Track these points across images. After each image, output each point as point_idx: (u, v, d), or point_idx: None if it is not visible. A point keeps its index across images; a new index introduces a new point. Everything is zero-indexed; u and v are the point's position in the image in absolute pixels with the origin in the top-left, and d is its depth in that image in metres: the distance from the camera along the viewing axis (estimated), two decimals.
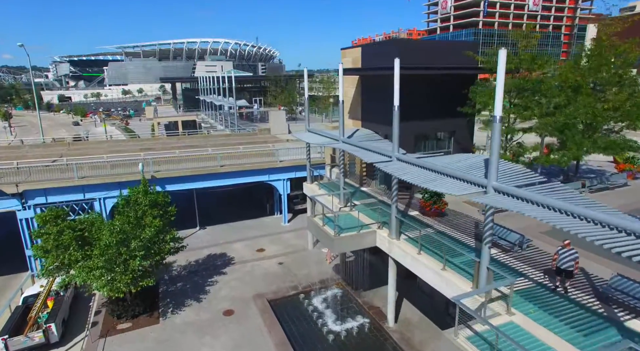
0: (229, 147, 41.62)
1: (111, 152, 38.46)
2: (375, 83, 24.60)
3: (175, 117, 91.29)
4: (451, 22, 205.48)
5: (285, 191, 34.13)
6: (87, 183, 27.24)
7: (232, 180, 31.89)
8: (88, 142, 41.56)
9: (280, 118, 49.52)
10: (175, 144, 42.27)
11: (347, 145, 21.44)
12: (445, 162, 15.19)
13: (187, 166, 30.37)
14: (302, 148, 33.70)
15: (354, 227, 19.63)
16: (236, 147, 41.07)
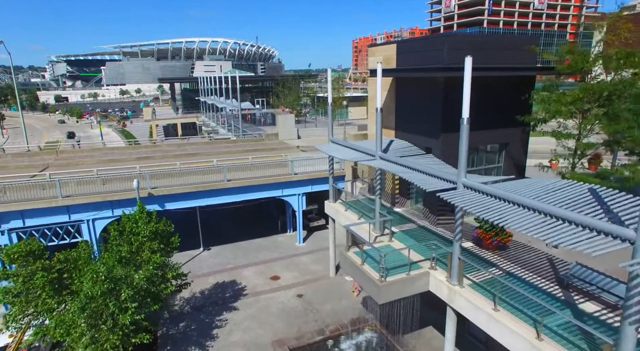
0: (235, 155, 37.71)
1: (104, 162, 34.54)
2: (415, 86, 20.67)
3: (174, 119, 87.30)
4: (455, 21, 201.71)
5: (301, 207, 30.20)
6: (73, 203, 23.25)
7: (241, 196, 27.94)
8: (79, 150, 37.58)
9: (288, 123, 45.63)
10: (176, 152, 38.27)
11: (389, 163, 17.49)
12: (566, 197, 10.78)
13: (189, 180, 26.40)
14: (319, 159, 29.82)
15: (401, 266, 15.69)
16: (243, 156, 37.16)
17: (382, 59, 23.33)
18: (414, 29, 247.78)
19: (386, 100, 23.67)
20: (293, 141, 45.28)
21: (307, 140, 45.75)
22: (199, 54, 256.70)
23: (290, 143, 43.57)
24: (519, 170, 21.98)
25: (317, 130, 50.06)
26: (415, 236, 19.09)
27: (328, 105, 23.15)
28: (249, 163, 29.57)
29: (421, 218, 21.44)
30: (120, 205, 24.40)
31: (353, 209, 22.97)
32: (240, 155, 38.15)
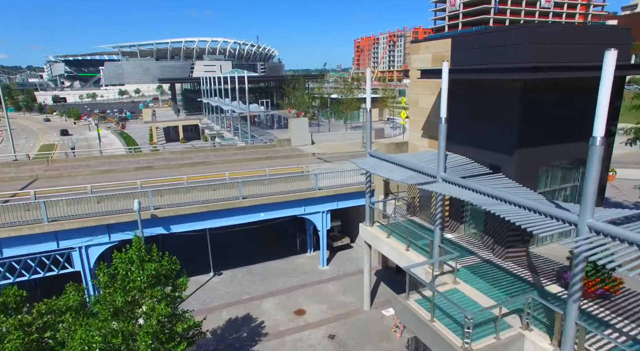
0: (245, 165, 34.05)
1: (100, 173, 30.82)
2: (477, 90, 16.95)
3: (175, 121, 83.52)
4: (460, 19, 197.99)
5: (325, 226, 26.49)
6: (62, 229, 19.52)
7: (258, 215, 24.25)
8: (73, 158, 33.83)
9: (302, 127, 41.93)
10: (180, 161, 34.53)
11: (461, 190, 13.73)
12: None
13: (197, 197, 22.63)
14: (344, 171, 26.18)
15: (484, 324, 12.02)
16: (255, 165, 33.49)
17: (429, 57, 19.68)
18: (417, 28, 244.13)
19: (434, 105, 19.97)
20: (307, 147, 41.58)
21: (322, 147, 42.08)
22: (198, 54, 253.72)
23: (304, 150, 39.86)
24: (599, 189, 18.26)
25: (331, 134, 46.42)
26: (485, 275, 15.41)
27: (367, 112, 19.44)
28: (266, 178, 25.79)
29: (481, 248, 17.77)
30: (119, 229, 20.73)
31: (397, 236, 19.26)
32: (252, 164, 34.48)
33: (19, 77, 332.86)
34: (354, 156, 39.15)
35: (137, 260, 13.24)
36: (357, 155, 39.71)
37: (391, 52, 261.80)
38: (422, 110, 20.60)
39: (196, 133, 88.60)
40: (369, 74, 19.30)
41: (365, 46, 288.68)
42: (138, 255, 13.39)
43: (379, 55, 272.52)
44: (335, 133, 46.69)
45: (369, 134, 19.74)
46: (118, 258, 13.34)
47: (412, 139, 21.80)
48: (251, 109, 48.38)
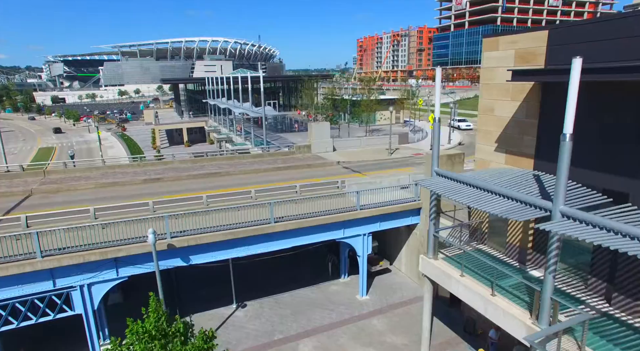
0: (264, 175, 30.41)
1: (103, 187, 27.17)
2: (587, 94, 13.24)
3: (179, 123, 79.89)
4: (466, 18, 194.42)
5: (366, 251, 22.84)
6: (59, 265, 15.85)
7: (291, 241, 20.59)
8: (72, 169, 30.14)
9: (323, 132, 38.29)
10: (192, 171, 30.87)
11: (612, 237, 10.02)
12: None
13: (220, 220, 18.89)
14: (390, 188, 22.54)
15: None
16: (275, 175, 29.87)
17: (512, 54, 16.00)
18: (422, 28, 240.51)
19: (515, 114, 16.29)
20: (329, 155, 37.93)
21: (345, 154, 38.44)
22: (198, 54, 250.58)
23: (327, 158, 36.21)
24: None
25: (353, 140, 42.78)
26: (616, 340, 11.73)
27: (435, 120, 15.77)
28: (300, 198, 22.09)
29: (589, 294, 14.09)
30: (129, 262, 17.08)
31: (473, 274, 15.57)
32: (272, 175, 30.84)
33: (18, 77, 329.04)
34: (381, 164, 35.62)
35: (157, 334, 9.54)
36: (384, 163, 36.11)
37: (395, 52, 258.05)
38: (497, 119, 16.94)
39: (201, 135, 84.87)
40: (438, 73, 15.59)
41: (368, 46, 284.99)
42: (158, 329, 9.68)
43: (383, 55, 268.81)
44: (357, 139, 43.02)
45: (437, 148, 16.05)
46: (134, 332, 9.64)
47: (482, 153, 18.13)
48: (268, 113, 44.77)
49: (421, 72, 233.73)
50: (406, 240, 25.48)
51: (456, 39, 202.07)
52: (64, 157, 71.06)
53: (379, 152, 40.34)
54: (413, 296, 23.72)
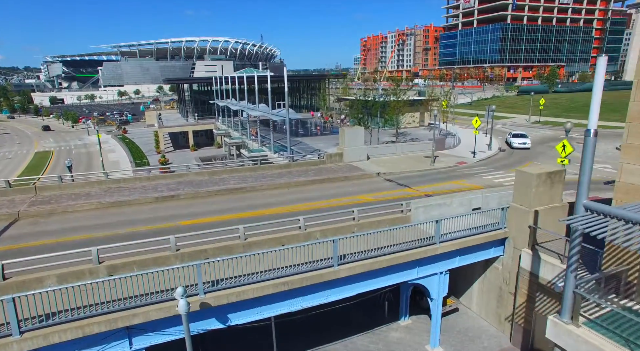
0: (298, 191, 25.63)
1: (107, 207, 22.31)
2: None
3: (184, 125, 75.02)
4: (475, 16, 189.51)
5: (442, 293, 18.02)
6: (45, 344, 10.96)
7: (356, 287, 15.78)
8: (70, 184, 25.23)
9: (356, 139, 33.47)
10: (212, 186, 26.00)
11: None
12: None
13: (265, 263, 13.99)
14: (472, 214, 17.73)
15: None
16: (311, 191, 25.09)
17: None
18: (429, 26, 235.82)
19: None
20: (364, 164, 33.11)
21: (382, 163, 33.64)
22: (199, 54, 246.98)
23: (364, 168, 31.39)
24: None
25: (387, 147, 37.90)
26: None
27: (590, 131, 10.91)
28: (364, 231, 17.23)
29: None
30: (147, 328, 12.20)
31: None
32: (307, 191, 26.05)
33: (16, 77, 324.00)
34: (427, 176, 30.62)
35: None
36: (430, 174, 31.24)
37: (400, 51, 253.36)
38: None
39: (207, 138, 80.00)
40: (602, 64, 10.73)
41: (372, 45, 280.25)
42: None
43: (387, 55, 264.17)
44: (391, 145, 38.17)
45: (588, 171, 11.17)
46: None
47: (632, 176, 13.25)
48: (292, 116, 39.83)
49: (427, 72, 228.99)
50: (480, 273, 20.67)
51: (464, 38, 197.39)
52: (62, 162, 66.19)
53: (419, 161, 35.52)
54: (497, 347, 18.89)
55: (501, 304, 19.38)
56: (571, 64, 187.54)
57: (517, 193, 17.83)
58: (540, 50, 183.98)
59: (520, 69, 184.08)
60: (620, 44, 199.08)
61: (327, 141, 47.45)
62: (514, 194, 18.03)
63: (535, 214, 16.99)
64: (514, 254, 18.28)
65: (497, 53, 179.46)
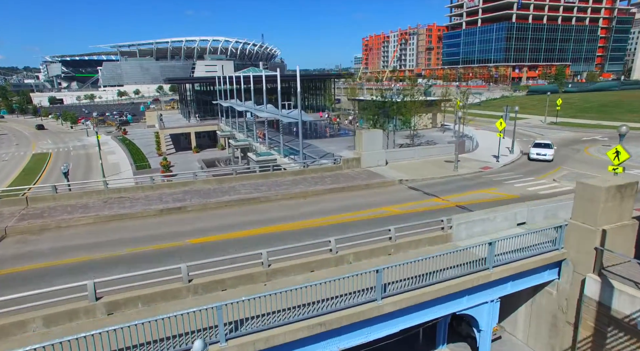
0: (316, 200, 23.29)
1: (107, 221, 19.97)
2: None
3: (187, 127, 72.67)
4: (479, 15, 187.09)
5: (492, 323, 15.67)
6: None
7: (399, 323, 13.43)
8: (65, 194, 22.83)
9: (374, 142, 31.08)
10: (222, 196, 23.64)
11: None
12: None
13: (295, 299, 11.60)
14: (527, 234, 15.40)
15: None
16: (330, 200, 22.77)
17: None
18: (431, 26, 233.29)
19: None
20: (382, 169, 30.77)
21: (402, 168, 31.31)
22: (199, 54, 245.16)
23: (384, 175, 29.03)
24: None
25: (406, 151, 35.45)
26: None
27: None
28: (409, 259, 14.84)
29: None
30: None
31: None
32: (326, 200, 23.69)
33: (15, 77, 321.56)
34: (453, 183, 27.89)
35: None
36: (455, 181, 28.83)
37: (403, 51, 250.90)
38: None
39: (209, 140, 77.63)
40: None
41: (374, 45, 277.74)
42: None
43: (390, 54, 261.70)
44: (409, 149, 35.76)
45: None
46: None
47: None
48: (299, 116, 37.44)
49: (430, 72, 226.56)
50: (528, 297, 18.30)
51: (468, 37, 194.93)
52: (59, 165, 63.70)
53: (440, 166, 33.19)
54: None
55: (555, 334, 17.03)
56: (576, 63, 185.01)
57: (578, 208, 15.48)
58: (545, 50, 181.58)
59: (525, 68, 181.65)
60: (626, 43, 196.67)
61: (338, 144, 45.11)
62: (574, 210, 15.68)
63: (602, 234, 14.65)
64: (573, 279, 15.93)
65: (502, 52, 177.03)
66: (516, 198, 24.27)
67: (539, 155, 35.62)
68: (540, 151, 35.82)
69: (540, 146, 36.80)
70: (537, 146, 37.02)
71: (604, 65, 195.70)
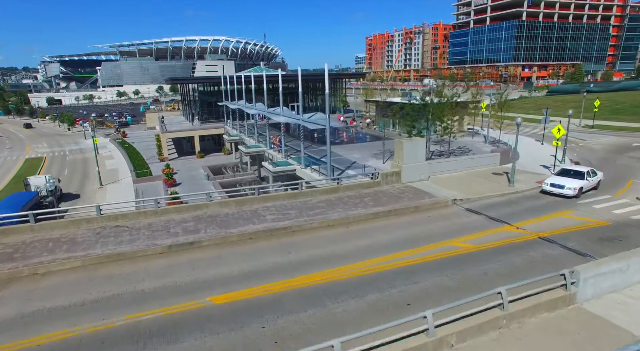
0: (361, 229, 18.69)
1: (98, 264, 15.38)
2: None
3: (190, 130, 67.93)
4: (488, 13, 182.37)
5: None
6: None
7: None
8: (47, 224, 18.11)
9: (416, 153, 26.39)
10: (245, 226, 18.92)
11: None
12: None
13: None
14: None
15: None
16: (377, 229, 18.16)
17: None
18: (437, 24, 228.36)
19: None
20: (426, 185, 26.08)
21: (449, 184, 26.66)
22: (199, 53, 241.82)
23: (432, 193, 24.32)
24: None
25: (449, 162, 30.72)
26: None
27: None
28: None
29: None
30: None
31: None
32: (373, 230, 19.00)
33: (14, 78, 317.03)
34: (517, 204, 21.91)
35: None
36: (518, 201, 24.01)
37: (407, 50, 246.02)
38: None
39: (214, 144, 73.02)
40: None
41: (378, 44, 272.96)
42: None
43: (394, 54, 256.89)
44: (452, 160, 31.03)
45: None
46: None
47: None
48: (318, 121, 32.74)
49: (436, 72, 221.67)
50: None
51: (476, 36, 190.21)
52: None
53: (489, 179, 28.53)
54: None
55: None
56: (587, 62, 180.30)
57: None
58: (556, 49, 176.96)
59: (535, 68, 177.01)
60: (638, 42, 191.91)
61: (360, 150, 40.45)
62: None
63: None
64: None
65: (511, 51, 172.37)
66: (607, 225, 19.64)
67: (555, 188, 24.42)
68: (558, 182, 24.60)
69: (569, 174, 25.40)
70: (564, 174, 25.72)
71: (615, 64, 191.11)
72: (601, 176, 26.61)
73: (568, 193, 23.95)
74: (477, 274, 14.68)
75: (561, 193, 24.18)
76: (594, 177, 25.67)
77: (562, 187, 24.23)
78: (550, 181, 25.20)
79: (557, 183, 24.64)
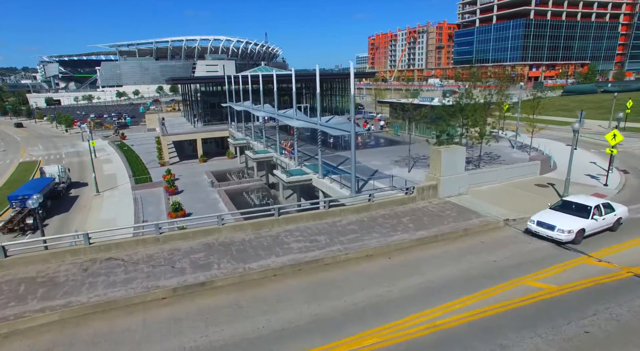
0: (405, 262, 15.11)
1: (79, 324, 11.82)
2: None
3: (193, 133, 64.35)
4: (494, 12, 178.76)
5: None
6: None
7: None
8: (20, 259, 14.61)
9: (455, 164, 22.84)
10: (265, 259, 15.40)
11: None
12: None
13: None
14: None
15: None
16: (426, 260, 14.62)
17: None
18: (442, 23, 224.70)
19: None
20: (467, 200, 22.56)
21: (492, 198, 23.19)
22: (200, 53, 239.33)
23: (480, 212, 20.82)
24: None
25: (488, 172, 27.24)
26: None
27: None
28: None
29: None
30: None
31: None
32: (418, 262, 15.53)
33: (13, 78, 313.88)
34: None
35: None
36: None
37: (411, 50, 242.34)
38: None
39: (217, 147, 69.48)
40: None
41: (381, 43, 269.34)
42: None
43: (397, 53, 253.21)
44: (492, 171, 27.48)
45: None
46: None
47: None
48: (339, 126, 29.21)
49: (441, 71, 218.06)
50: None
51: (482, 35, 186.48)
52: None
53: (535, 192, 25.06)
54: None
55: None
56: (595, 61, 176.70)
57: None
58: (564, 48, 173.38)
59: (542, 67, 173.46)
60: None
61: (378, 156, 36.92)
62: None
63: None
64: None
65: (518, 51, 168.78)
66: None
67: (541, 228, 17.82)
68: (548, 220, 17.81)
69: (569, 208, 18.67)
70: (564, 208, 18.90)
71: (623, 63, 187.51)
72: (623, 212, 19.18)
73: (559, 237, 17.18)
74: (577, 333, 11.20)
75: (550, 237, 17.46)
76: (607, 214, 18.40)
77: (552, 228, 17.46)
78: (537, 218, 18.34)
79: (546, 222, 17.82)
